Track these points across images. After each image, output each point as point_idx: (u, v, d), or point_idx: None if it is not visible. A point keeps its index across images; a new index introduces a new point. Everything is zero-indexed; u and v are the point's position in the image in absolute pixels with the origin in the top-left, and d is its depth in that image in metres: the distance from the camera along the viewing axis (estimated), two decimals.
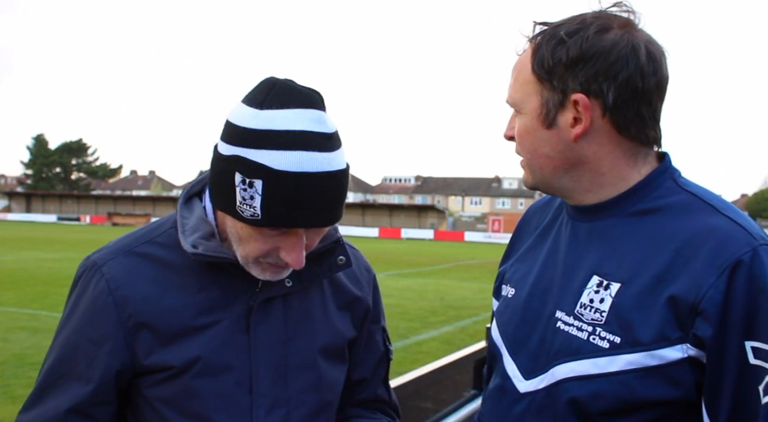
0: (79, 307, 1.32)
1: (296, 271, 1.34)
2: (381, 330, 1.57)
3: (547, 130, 1.25)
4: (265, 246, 1.25)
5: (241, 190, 1.19)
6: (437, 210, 74.33)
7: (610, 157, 1.25)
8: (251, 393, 1.31)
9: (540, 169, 1.29)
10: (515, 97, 1.28)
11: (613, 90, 1.19)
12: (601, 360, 1.17)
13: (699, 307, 1.11)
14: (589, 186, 1.27)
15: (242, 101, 1.24)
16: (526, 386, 1.28)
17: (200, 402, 1.28)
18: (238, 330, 1.32)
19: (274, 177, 1.16)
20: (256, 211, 1.19)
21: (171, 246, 1.34)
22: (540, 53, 1.23)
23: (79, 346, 1.30)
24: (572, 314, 1.24)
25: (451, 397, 3.64)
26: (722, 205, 1.21)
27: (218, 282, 1.32)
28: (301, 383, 1.36)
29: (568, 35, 1.20)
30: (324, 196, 1.20)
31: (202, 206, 1.37)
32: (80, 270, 1.36)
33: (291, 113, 1.19)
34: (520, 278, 1.41)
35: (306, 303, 1.40)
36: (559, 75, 1.21)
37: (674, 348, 1.13)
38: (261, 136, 1.18)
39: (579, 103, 1.21)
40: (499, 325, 1.41)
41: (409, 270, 24.05)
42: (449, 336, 10.91)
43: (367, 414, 1.54)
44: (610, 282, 1.21)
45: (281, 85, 1.22)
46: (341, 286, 1.48)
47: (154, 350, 1.28)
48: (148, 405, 1.31)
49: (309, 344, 1.38)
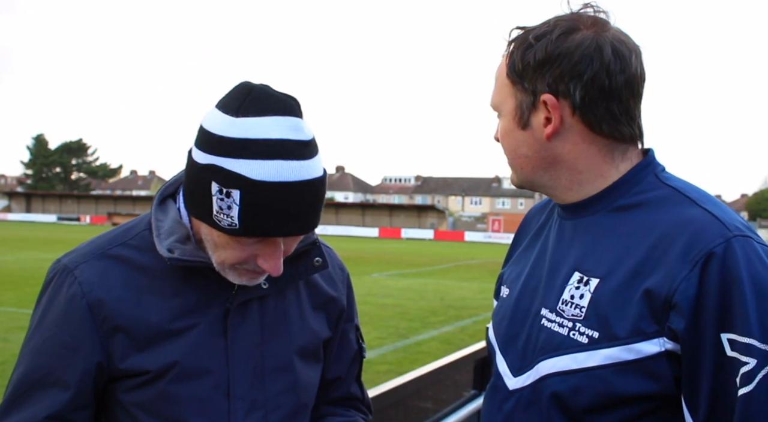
0: (51, 312, 1.29)
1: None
2: (354, 329, 1.57)
3: (523, 131, 1.29)
4: (243, 254, 1.24)
5: (218, 200, 1.17)
6: (437, 210, 74.36)
7: (585, 155, 1.27)
8: (229, 396, 1.30)
9: (521, 169, 1.33)
10: (495, 99, 1.35)
11: (579, 89, 1.22)
12: (580, 355, 1.19)
13: (672, 300, 1.12)
14: (569, 184, 1.30)
15: (217, 107, 1.22)
16: (515, 383, 1.30)
17: (177, 406, 1.27)
18: (215, 334, 1.31)
19: (252, 187, 1.15)
20: (233, 221, 1.17)
21: (145, 249, 1.32)
22: (512, 58, 1.28)
23: (54, 352, 1.27)
24: (555, 310, 1.26)
25: (451, 397, 3.64)
26: (699, 197, 1.22)
27: (194, 286, 1.31)
28: (278, 385, 1.36)
29: (536, 39, 1.25)
30: (302, 205, 1.19)
31: (176, 208, 1.35)
32: (50, 274, 1.32)
33: (268, 121, 1.17)
34: (513, 278, 1.44)
35: (282, 305, 1.40)
36: (529, 77, 1.26)
37: (651, 342, 1.13)
38: (238, 145, 1.16)
39: (548, 104, 1.24)
40: (494, 325, 1.45)
41: (409, 270, 24.05)
42: (449, 336, 10.91)
43: (341, 411, 1.55)
44: (589, 278, 1.23)
45: (257, 92, 1.20)
46: (317, 287, 1.48)
47: (130, 354, 1.26)
48: (124, 410, 1.29)
49: (285, 346, 1.38)
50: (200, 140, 1.22)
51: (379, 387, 2.71)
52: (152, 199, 1.36)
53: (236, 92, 1.22)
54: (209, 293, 1.32)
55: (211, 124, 1.20)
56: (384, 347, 9.87)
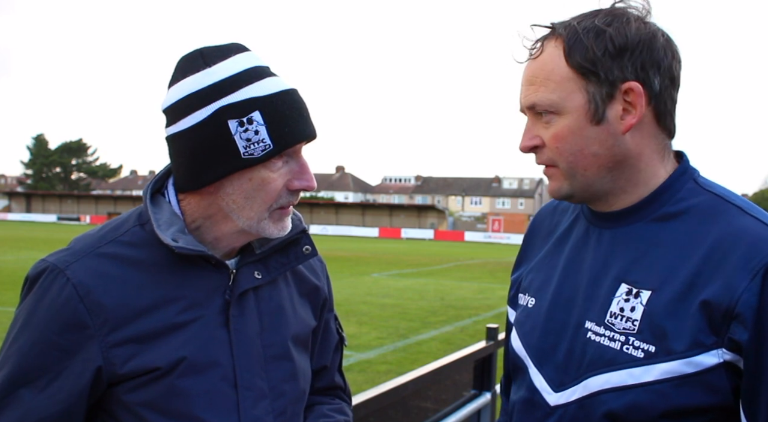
0: (40, 314, 1.23)
1: (264, 263, 1.38)
2: (334, 318, 1.60)
3: (596, 126, 1.21)
4: (278, 185, 1.28)
5: (242, 134, 1.22)
6: (437, 210, 74.33)
7: (648, 151, 1.24)
8: (236, 387, 1.30)
9: (584, 171, 1.24)
10: (551, 98, 1.22)
11: (658, 78, 1.20)
12: (636, 371, 1.15)
13: (734, 311, 1.09)
14: (625, 185, 1.25)
15: (174, 82, 1.28)
16: (557, 398, 1.25)
17: (186, 401, 1.26)
18: (218, 325, 1.31)
19: (268, 102, 1.24)
20: (266, 143, 1.23)
21: (138, 244, 1.30)
22: (579, 46, 1.19)
23: (46, 355, 1.22)
24: (602, 324, 1.21)
25: (451, 397, 3.64)
26: (745, 205, 1.21)
27: (192, 278, 1.30)
28: (279, 373, 1.37)
29: (607, 25, 1.19)
30: (303, 109, 1.29)
31: (167, 201, 1.34)
32: (34, 274, 1.27)
33: (236, 58, 1.27)
34: (539, 287, 1.38)
35: (276, 295, 1.41)
36: (607, 65, 1.18)
37: (709, 354, 1.11)
38: (230, 80, 1.24)
39: (633, 91, 1.19)
40: (521, 335, 1.38)
41: (409, 270, 24.01)
42: (449, 336, 10.91)
43: (327, 400, 1.57)
44: (640, 290, 1.19)
45: (206, 49, 1.28)
46: (301, 276, 1.50)
47: (136, 354, 1.24)
48: (128, 411, 1.26)
49: (282, 335, 1.39)
50: (184, 107, 1.24)
51: (379, 387, 2.71)
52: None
53: (187, 59, 1.28)
54: (208, 285, 1.32)
55: (188, 87, 1.25)
56: (384, 347, 9.87)
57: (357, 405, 2.42)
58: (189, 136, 1.25)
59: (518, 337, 1.39)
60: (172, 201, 1.34)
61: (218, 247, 1.34)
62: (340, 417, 1.54)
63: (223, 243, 1.34)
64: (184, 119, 1.24)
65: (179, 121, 1.25)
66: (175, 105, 1.26)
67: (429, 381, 3.17)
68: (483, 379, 3.96)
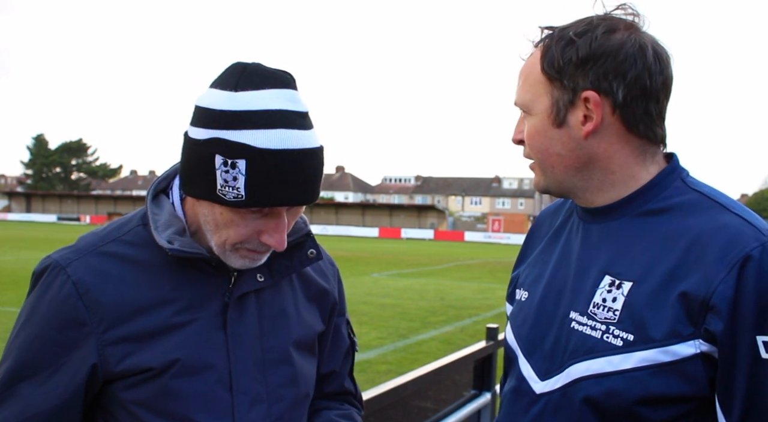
0: (41, 310, 1.25)
1: (267, 266, 1.35)
2: (346, 323, 1.58)
3: (558, 129, 1.27)
4: (246, 231, 1.24)
5: (223, 172, 1.18)
6: (437, 210, 74.37)
7: (619, 155, 1.27)
8: (231, 390, 1.29)
9: (551, 169, 1.31)
10: (525, 98, 1.31)
11: (622, 88, 1.22)
12: (615, 358, 1.19)
13: (710, 302, 1.12)
14: (600, 185, 1.29)
15: (212, 86, 1.24)
16: (542, 387, 1.29)
17: (180, 402, 1.26)
18: (215, 328, 1.30)
19: (258, 155, 1.17)
20: (239, 192, 1.18)
21: (139, 244, 1.30)
22: (550, 54, 1.26)
23: (45, 350, 1.23)
24: (586, 314, 1.26)
25: (451, 397, 3.64)
26: (730, 203, 1.24)
27: (191, 280, 1.30)
28: (278, 378, 1.36)
29: (577, 36, 1.24)
30: (305, 173, 1.21)
31: (170, 202, 1.34)
32: (39, 270, 1.28)
33: (267, 93, 1.20)
34: (532, 281, 1.43)
35: (278, 298, 1.40)
36: (570, 74, 1.24)
37: (686, 344, 1.14)
38: (240, 116, 1.18)
39: (590, 101, 1.23)
40: (513, 328, 1.43)
41: (409, 270, 24.00)
42: (449, 336, 10.92)
43: (336, 405, 1.56)
44: (622, 281, 1.23)
45: (253, 68, 1.23)
46: (309, 280, 1.49)
47: (130, 353, 1.24)
48: (124, 409, 1.27)
49: (283, 339, 1.38)
50: (199, 118, 1.23)
51: (379, 387, 2.71)
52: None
53: (231, 70, 1.24)
54: (207, 287, 1.31)
55: (210, 100, 1.22)
56: (384, 347, 9.87)
57: None
58: (189, 146, 1.25)
59: (511, 330, 1.44)
60: (176, 202, 1.34)
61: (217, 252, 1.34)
62: None
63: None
64: (194, 128, 1.24)
65: (191, 127, 1.25)
66: (195, 109, 1.25)
67: (429, 381, 3.17)
68: (483, 379, 3.96)
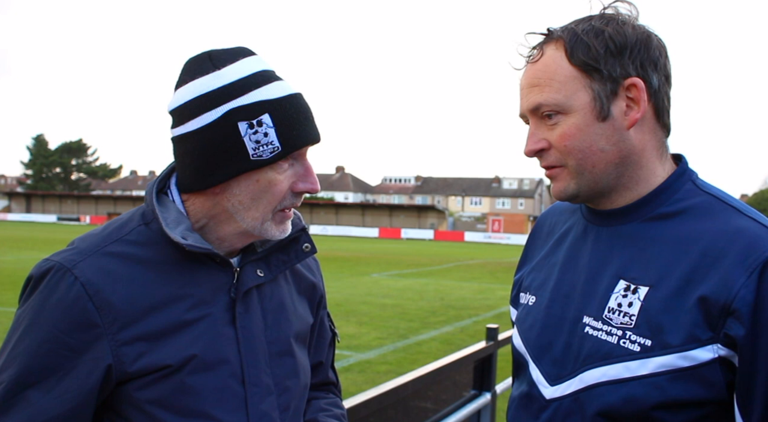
0: (46, 313, 1.22)
1: (265, 261, 1.40)
2: (327, 315, 1.64)
3: (603, 123, 1.24)
4: (283, 187, 1.30)
5: (251, 136, 1.25)
6: (437, 210, 74.35)
7: (648, 147, 1.27)
8: (244, 383, 1.32)
9: (592, 168, 1.26)
10: (556, 98, 1.24)
11: (656, 75, 1.24)
12: (632, 364, 1.18)
13: (731, 307, 1.12)
14: (628, 182, 1.28)
15: (183, 83, 1.28)
16: (552, 392, 1.28)
17: (196, 398, 1.27)
18: (226, 323, 1.33)
19: (277, 105, 1.26)
20: (275, 145, 1.26)
21: (144, 243, 1.30)
22: (581, 46, 1.23)
23: (54, 354, 1.21)
24: (600, 319, 1.24)
25: (451, 397, 3.64)
26: (742, 206, 1.24)
27: (198, 276, 1.32)
28: (283, 369, 1.40)
29: (606, 25, 1.24)
30: (309, 112, 1.32)
31: (171, 201, 1.35)
32: (39, 273, 1.26)
33: (244, 62, 1.29)
34: (539, 285, 1.41)
35: (277, 292, 1.44)
36: (609, 63, 1.22)
37: (705, 349, 1.13)
38: (241, 83, 1.26)
39: (635, 87, 1.23)
40: (521, 332, 1.41)
41: (409, 270, 24.03)
42: (449, 336, 10.91)
43: (322, 395, 1.62)
44: (638, 286, 1.22)
45: (214, 52, 1.30)
46: (299, 274, 1.53)
47: (146, 351, 1.24)
48: (137, 408, 1.26)
49: (285, 331, 1.42)
50: (191, 109, 1.26)
51: (379, 387, 2.72)
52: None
53: (196, 61, 1.30)
54: (214, 283, 1.33)
55: (193, 90, 1.26)
56: (384, 347, 9.86)
57: (357, 405, 2.42)
58: (198, 137, 1.26)
59: (519, 334, 1.42)
60: (176, 200, 1.36)
61: (221, 247, 1.36)
62: (337, 411, 1.59)
63: (225, 244, 1.36)
64: (194, 120, 1.26)
65: (188, 122, 1.26)
66: (183, 106, 1.27)
67: (429, 381, 3.18)
68: (483, 379, 3.96)
